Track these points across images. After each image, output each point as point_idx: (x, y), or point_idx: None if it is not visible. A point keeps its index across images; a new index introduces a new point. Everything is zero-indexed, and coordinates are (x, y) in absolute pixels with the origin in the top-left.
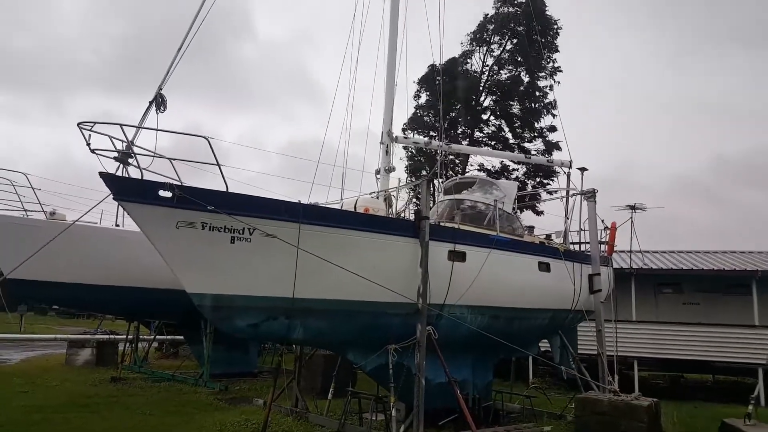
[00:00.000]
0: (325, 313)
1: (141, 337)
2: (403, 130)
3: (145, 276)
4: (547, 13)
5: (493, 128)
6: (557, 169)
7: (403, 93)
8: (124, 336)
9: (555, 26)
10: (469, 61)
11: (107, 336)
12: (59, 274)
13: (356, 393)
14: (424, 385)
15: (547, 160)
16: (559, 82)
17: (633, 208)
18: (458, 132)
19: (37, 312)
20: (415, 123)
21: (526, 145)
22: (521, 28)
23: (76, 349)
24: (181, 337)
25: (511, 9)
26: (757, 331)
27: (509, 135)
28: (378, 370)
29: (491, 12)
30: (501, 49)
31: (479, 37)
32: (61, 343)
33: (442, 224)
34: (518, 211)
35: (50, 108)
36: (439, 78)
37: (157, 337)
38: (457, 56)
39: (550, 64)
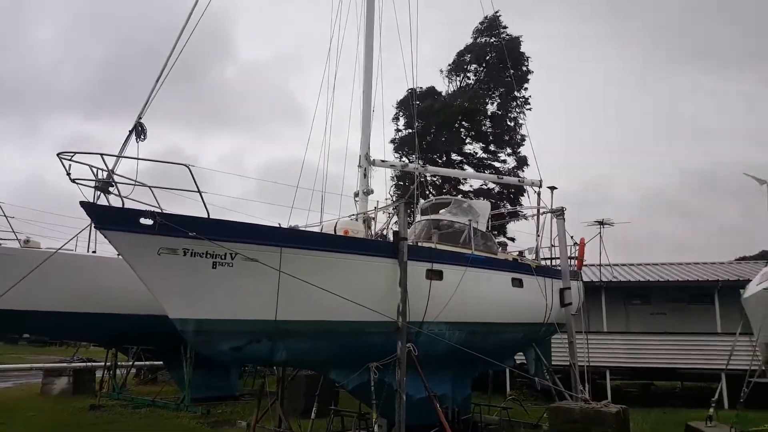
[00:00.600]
0: (308, 334)
1: (119, 363)
2: (394, 148)
3: (123, 302)
4: (522, 49)
5: (469, 150)
6: (528, 188)
7: (385, 113)
8: (102, 363)
9: (526, 64)
10: (445, 88)
11: (84, 364)
12: (35, 302)
13: (339, 411)
14: (404, 401)
15: (519, 180)
16: (529, 109)
17: (601, 223)
18: (435, 155)
19: (7, 342)
20: (398, 145)
21: (498, 165)
22: (494, 55)
23: (52, 378)
24: (160, 363)
25: (486, 38)
26: (719, 338)
27: (484, 155)
28: (360, 388)
29: (467, 40)
30: (476, 77)
31: (456, 67)
32: (35, 373)
33: (419, 244)
34: (490, 230)
35: (26, 132)
36: (415, 102)
37: (136, 363)
38: (434, 86)
39: (521, 96)
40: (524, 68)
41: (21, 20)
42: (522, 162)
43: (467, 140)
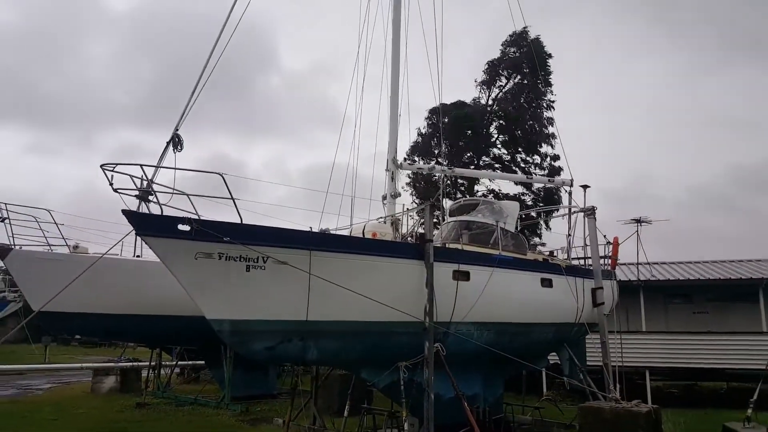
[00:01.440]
0: (337, 334)
1: (163, 363)
2: (409, 155)
3: (166, 304)
4: (545, 50)
5: (499, 153)
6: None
7: (413, 119)
8: (147, 363)
9: (549, 66)
10: (477, 97)
11: (131, 363)
12: (84, 305)
13: (371, 409)
14: (433, 400)
15: (549, 180)
16: (553, 109)
17: (638, 221)
18: (465, 159)
19: (60, 342)
20: (422, 151)
21: (532, 169)
22: (524, 67)
23: (101, 377)
24: (202, 362)
25: (514, 49)
26: (764, 338)
27: (518, 158)
28: (390, 386)
29: (495, 52)
30: (506, 85)
31: (489, 79)
32: (86, 372)
33: (447, 245)
34: (520, 230)
35: (81, 145)
36: (440, 105)
37: (179, 362)
38: (462, 100)
39: (548, 98)
40: (546, 69)
41: (77, 36)
42: (554, 170)
43: (499, 145)
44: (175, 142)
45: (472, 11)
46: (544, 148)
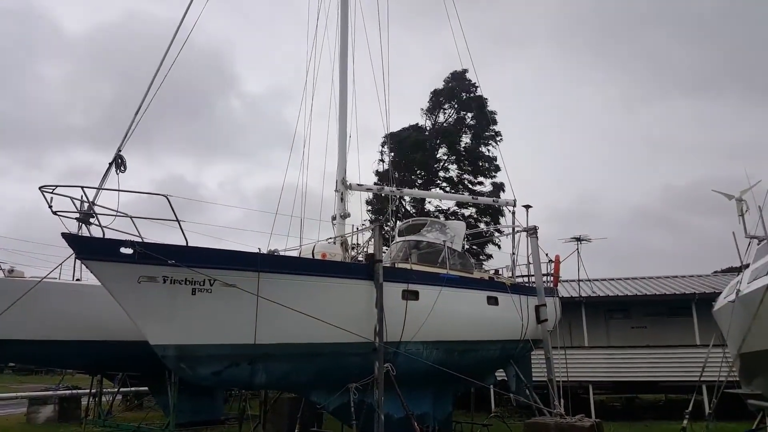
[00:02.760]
0: (287, 357)
1: (104, 390)
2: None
3: (107, 329)
4: (488, 108)
5: (448, 174)
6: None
7: (367, 140)
8: (87, 390)
9: (494, 115)
10: (424, 122)
11: (69, 391)
12: (20, 331)
13: None
14: (383, 421)
15: (493, 200)
16: (500, 140)
17: (578, 239)
18: (418, 182)
19: None
20: (384, 177)
21: (477, 188)
22: (465, 96)
23: (38, 407)
24: (146, 388)
25: (455, 83)
26: (697, 350)
27: (465, 180)
28: (340, 408)
29: (438, 83)
30: (449, 115)
31: (432, 106)
32: (21, 401)
33: (397, 265)
34: (467, 249)
35: (29, 165)
36: (388, 133)
37: (121, 389)
38: (415, 123)
39: (492, 132)
40: (491, 117)
41: (28, 57)
42: (498, 188)
43: (446, 163)
44: (118, 163)
45: (425, 40)
46: (488, 172)
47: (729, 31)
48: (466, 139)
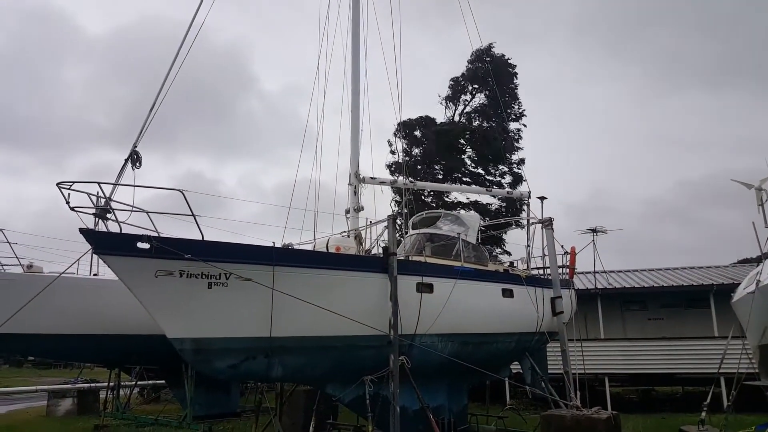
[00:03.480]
0: (302, 350)
1: (122, 383)
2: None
3: (125, 323)
4: (510, 67)
5: (468, 168)
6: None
7: (381, 134)
8: (106, 384)
9: (516, 80)
10: (443, 116)
11: (88, 385)
12: (39, 326)
13: (336, 425)
14: (399, 413)
15: (508, 192)
16: (525, 125)
17: (594, 231)
18: (436, 172)
19: (12, 364)
20: (393, 170)
21: (498, 179)
22: (491, 83)
23: (57, 400)
24: (163, 382)
25: (479, 65)
26: (715, 342)
27: (483, 171)
28: (356, 401)
29: (461, 69)
30: (472, 101)
31: (453, 94)
32: (41, 395)
33: (411, 258)
34: (481, 242)
35: (52, 165)
36: (402, 122)
37: (139, 382)
38: (429, 115)
39: (516, 108)
40: (514, 83)
41: (54, 60)
42: (518, 178)
43: (469, 160)
44: (134, 159)
45: (441, 38)
46: (512, 158)
47: (742, 27)
48: (488, 124)
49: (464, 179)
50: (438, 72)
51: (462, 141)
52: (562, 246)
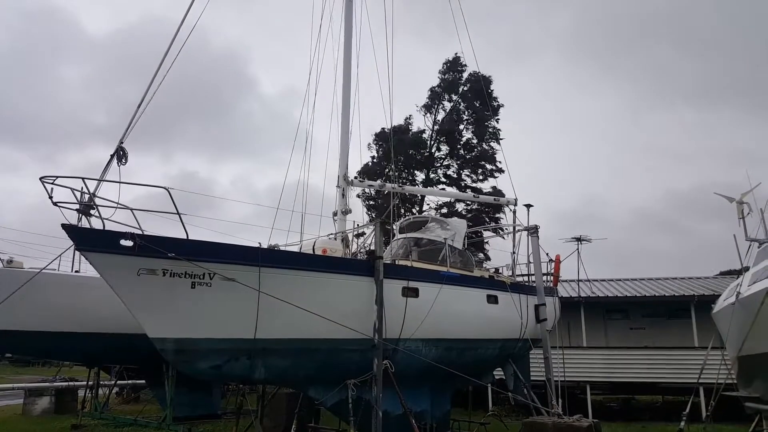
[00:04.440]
0: (286, 352)
1: (101, 382)
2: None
3: (105, 321)
4: (492, 87)
5: (447, 171)
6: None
7: (364, 138)
8: (84, 382)
9: (497, 100)
10: (418, 122)
11: (66, 383)
12: (18, 322)
13: (317, 429)
14: (381, 418)
15: (494, 199)
16: (502, 139)
17: (579, 240)
18: (412, 177)
19: None
20: (368, 173)
21: (478, 185)
22: (467, 87)
23: (34, 398)
24: (143, 381)
25: (455, 74)
26: (696, 352)
27: (462, 175)
28: (338, 405)
29: (436, 80)
30: (450, 107)
31: (430, 102)
32: (17, 393)
33: (397, 262)
34: (467, 248)
35: (45, 161)
36: (390, 129)
37: (118, 381)
38: (403, 123)
39: (493, 127)
40: (495, 104)
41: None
42: (497, 190)
43: (446, 161)
44: (119, 155)
45: (441, 51)
46: (489, 171)
47: (729, 45)
48: (467, 135)
49: (443, 184)
50: (434, 82)
51: (433, 148)
52: (547, 254)
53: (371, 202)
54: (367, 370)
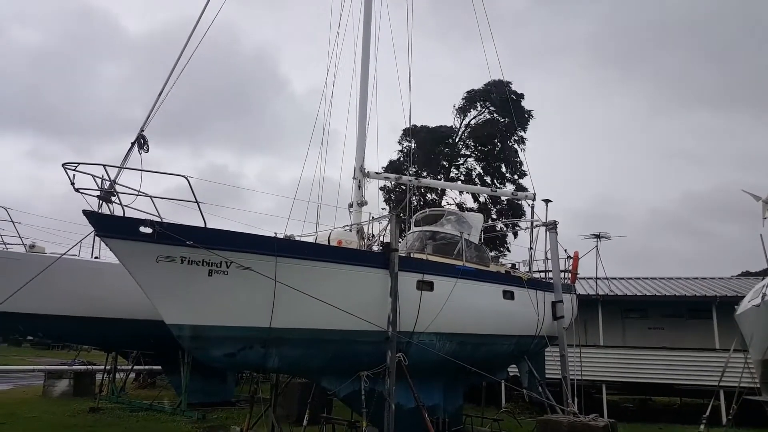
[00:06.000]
0: (300, 342)
1: (119, 367)
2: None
3: (123, 307)
4: (524, 103)
5: (468, 168)
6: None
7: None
8: (102, 366)
9: (527, 114)
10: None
11: (85, 367)
12: (39, 306)
13: (330, 419)
14: (394, 411)
15: (512, 193)
16: (524, 146)
17: (598, 236)
18: (439, 176)
19: (11, 343)
20: (396, 169)
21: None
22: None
23: (54, 380)
24: (159, 367)
25: (492, 89)
26: (717, 354)
27: (485, 177)
28: (351, 396)
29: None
30: (480, 115)
31: (465, 107)
32: (38, 375)
33: (412, 255)
34: (483, 243)
35: (79, 153)
36: (412, 125)
37: (135, 367)
38: (431, 120)
39: (521, 136)
40: (526, 115)
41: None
42: (520, 189)
43: (470, 160)
44: (140, 143)
45: (461, 55)
46: (513, 169)
47: (748, 49)
48: (494, 140)
49: (462, 179)
50: (455, 85)
51: (467, 145)
52: (565, 250)
53: (391, 195)
54: (380, 362)
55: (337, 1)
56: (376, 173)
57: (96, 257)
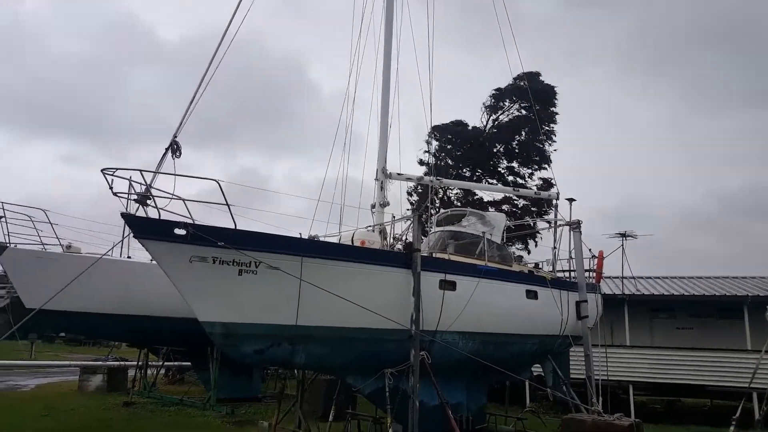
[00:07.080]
0: (326, 340)
1: (150, 363)
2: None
3: (154, 305)
4: (553, 88)
5: (501, 167)
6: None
7: (410, 134)
8: (134, 362)
9: (555, 106)
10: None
11: (118, 363)
12: (74, 303)
13: (355, 415)
14: (418, 408)
15: (536, 192)
16: (555, 141)
17: (623, 235)
18: (465, 172)
19: (45, 340)
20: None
21: (527, 182)
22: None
23: (88, 375)
24: (188, 363)
25: (523, 82)
26: (748, 355)
27: (515, 175)
28: (376, 393)
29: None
30: (508, 111)
31: (493, 105)
32: (73, 370)
33: (434, 255)
34: (507, 242)
35: (116, 157)
36: (431, 123)
37: (165, 363)
38: (458, 119)
39: (548, 129)
40: (553, 109)
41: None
42: (547, 183)
43: (500, 159)
44: (173, 148)
45: (486, 60)
46: (539, 166)
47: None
48: (521, 137)
49: (491, 181)
50: (479, 89)
51: (497, 144)
52: (590, 249)
53: (415, 197)
54: (404, 360)
55: (360, 3)
56: (399, 174)
57: (128, 257)
